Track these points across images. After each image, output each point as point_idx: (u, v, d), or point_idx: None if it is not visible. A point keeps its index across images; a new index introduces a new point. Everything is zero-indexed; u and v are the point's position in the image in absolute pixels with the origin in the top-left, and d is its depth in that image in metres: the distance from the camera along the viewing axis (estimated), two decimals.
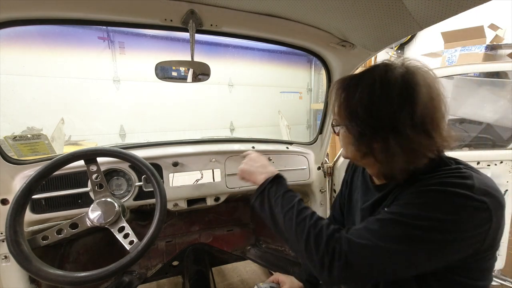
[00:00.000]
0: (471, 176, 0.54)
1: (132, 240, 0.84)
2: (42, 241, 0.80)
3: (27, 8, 0.72)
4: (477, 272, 0.58)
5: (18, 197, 0.76)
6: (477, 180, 0.53)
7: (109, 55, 3.27)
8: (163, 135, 3.62)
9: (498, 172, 1.55)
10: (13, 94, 2.73)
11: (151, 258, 1.55)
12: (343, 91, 0.65)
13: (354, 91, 0.62)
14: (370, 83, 0.60)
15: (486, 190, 0.53)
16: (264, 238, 1.76)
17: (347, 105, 0.63)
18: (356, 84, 0.62)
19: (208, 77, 0.94)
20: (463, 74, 2.02)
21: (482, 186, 0.53)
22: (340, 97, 0.65)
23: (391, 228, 0.54)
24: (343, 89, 0.65)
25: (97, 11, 0.76)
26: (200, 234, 1.66)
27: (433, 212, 0.52)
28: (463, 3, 0.59)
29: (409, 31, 0.77)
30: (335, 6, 0.76)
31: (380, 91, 0.58)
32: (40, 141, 1.02)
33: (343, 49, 1.00)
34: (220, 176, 1.20)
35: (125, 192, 1.06)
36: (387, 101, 0.57)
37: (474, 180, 0.53)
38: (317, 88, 4.77)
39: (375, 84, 0.59)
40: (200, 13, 0.81)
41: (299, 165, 1.32)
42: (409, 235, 0.52)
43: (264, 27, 0.92)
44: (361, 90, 0.60)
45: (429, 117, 0.57)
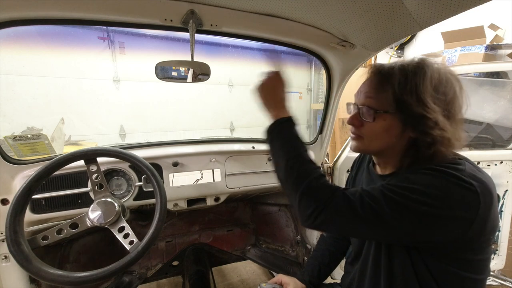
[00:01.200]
0: (463, 163, 0.58)
1: (132, 240, 0.84)
2: (42, 241, 0.81)
3: (27, 8, 0.72)
4: (471, 264, 0.58)
5: (18, 197, 0.76)
6: (468, 167, 0.57)
7: (109, 55, 3.27)
8: (163, 135, 3.62)
9: (498, 172, 1.55)
10: (13, 94, 2.73)
11: (151, 258, 1.55)
12: (402, 76, 0.62)
13: (415, 78, 0.61)
14: (427, 72, 0.61)
15: (475, 176, 0.55)
16: (264, 238, 1.77)
17: (411, 92, 0.60)
18: (413, 72, 0.61)
19: (208, 77, 0.94)
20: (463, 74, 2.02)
21: (471, 172, 0.56)
22: (398, 83, 0.62)
23: (382, 195, 0.57)
24: (402, 74, 0.62)
25: (97, 11, 0.76)
26: (200, 234, 1.66)
27: (422, 186, 0.54)
28: (463, 3, 0.59)
29: (409, 31, 0.77)
30: (335, 6, 0.76)
31: (437, 80, 0.60)
32: (40, 141, 1.02)
33: (343, 49, 1.00)
34: (220, 176, 1.20)
35: (125, 192, 1.06)
36: (447, 89, 0.60)
37: (465, 166, 0.57)
38: (317, 88, 4.77)
39: (432, 74, 0.60)
40: (200, 13, 0.81)
41: None
42: (397, 202, 0.55)
43: (264, 27, 0.92)
44: (422, 77, 0.60)
45: (459, 110, 0.62)
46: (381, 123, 0.64)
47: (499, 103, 1.94)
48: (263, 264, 1.71)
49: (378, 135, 0.65)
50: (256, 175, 1.25)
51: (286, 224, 1.68)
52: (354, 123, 0.68)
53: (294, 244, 1.64)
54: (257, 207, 1.77)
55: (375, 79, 0.66)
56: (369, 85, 0.67)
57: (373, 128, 0.65)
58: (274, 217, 1.72)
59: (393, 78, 0.62)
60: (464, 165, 0.57)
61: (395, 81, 0.61)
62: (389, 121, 0.63)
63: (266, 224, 1.74)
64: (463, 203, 0.53)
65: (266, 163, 1.26)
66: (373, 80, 0.66)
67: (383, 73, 0.65)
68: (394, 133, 0.64)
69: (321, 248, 1.04)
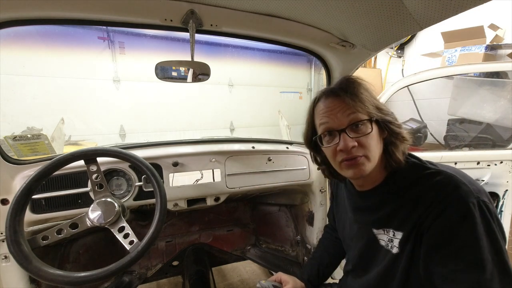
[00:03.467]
0: (459, 180, 0.59)
1: (132, 240, 0.84)
2: (42, 241, 0.80)
3: (27, 8, 0.72)
4: None
5: (18, 197, 0.76)
6: (471, 186, 0.58)
7: (109, 55, 3.27)
8: (163, 135, 3.62)
9: (498, 172, 1.55)
10: (13, 94, 2.73)
11: (151, 258, 1.55)
12: (366, 88, 0.70)
13: (367, 89, 0.70)
14: (364, 83, 0.70)
15: (479, 189, 0.59)
16: (264, 238, 1.76)
17: (373, 101, 0.68)
18: (360, 84, 0.70)
19: (208, 77, 0.94)
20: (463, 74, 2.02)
21: (475, 187, 0.59)
22: (370, 92, 0.70)
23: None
24: (364, 86, 0.70)
25: (97, 11, 0.76)
26: (200, 234, 1.66)
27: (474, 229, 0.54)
28: (463, 3, 0.59)
29: (409, 31, 0.77)
30: (335, 6, 0.76)
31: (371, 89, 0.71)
32: (40, 141, 1.02)
33: (343, 49, 1.00)
34: (220, 176, 1.20)
35: (125, 192, 1.06)
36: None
37: (469, 186, 0.58)
38: (317, 88, 4.77)
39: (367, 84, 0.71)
40: (200, 13, 0.81)
41: (299, 165, 1.32)
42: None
43: (264, 27, 0.91)
44: (367, 88, 0.70)
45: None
46: (375, 131, 0.66)
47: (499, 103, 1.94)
48: (263, 264, 1.71)
49: (377, 144, 0.67)
50: (256, 175, 1.24)
51: (286, 224, 1.68)
52: (355, 144, 0.64)
53: (294, 244, 1.64)
54: (257, 207, 1.77)
55: (346, 97, 0.66)
56: (345, 104, 0.66)
57: (373, 139, 0.65)
58: (274, 217, 1.72)
59: (358, 92, 0.67)
60: (465, 184, 0.58)
61: (361, 93, 0.66)
62: (376, 127, 0.67)
63: (266, 224, 1.74)
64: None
65: (266, 163, 1.26)
66: (344, 99, 0.66)
67: (347, 91, 0.67)
68: (380, 138, 0.68)
69: (320, 250, 1.04)
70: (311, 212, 1.43)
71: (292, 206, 1.65)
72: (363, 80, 0.71)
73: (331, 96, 0.68)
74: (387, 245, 0.69)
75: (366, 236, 0.75)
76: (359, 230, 0.79)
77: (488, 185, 1.55)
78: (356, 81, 0.69)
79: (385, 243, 0.70)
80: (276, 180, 1.28)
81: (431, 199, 0.59)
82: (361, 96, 0.66)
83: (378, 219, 0.71)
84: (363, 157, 0.65)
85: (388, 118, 0.67)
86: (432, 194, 0.59)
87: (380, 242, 0.71)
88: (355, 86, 0.68)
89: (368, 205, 0.75)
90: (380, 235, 0.71)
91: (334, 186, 0.97)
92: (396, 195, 0.67)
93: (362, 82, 0.70)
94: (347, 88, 0.67)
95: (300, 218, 1.56)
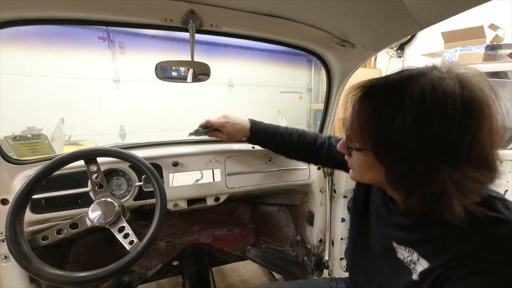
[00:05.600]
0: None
1: (132, 240, 0.84)
2: (42, 241, 0.80)
3: (27, 8, 0.72)
4: None
5: (18, 197, 0.76)
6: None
7: (109, 55, 3.26)
8: (163, 135, 3.62)
9: None
10: (13, 94, 2.73)
11: (151, 258, 1.55)
12: (372, 108, 0.50)
13: (391, 111, 0.46)
14: (417, 101, 0.44)
15: None
16: (264, 238, 1.76)
17: (383, 132, 0.48)
18: (394, 102, 0.46)
19: (208, 77, 0.94)
20: None
21: None
22: (368, 115, 0.50)
23: None
24: (373, 104, 0.50)
25: (97, 11, 0.76)
26: (200, 234, 1.66)
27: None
28: (463, 3, 0.59)
29: (409, 31, 0.77)
30: (335, 6, 0.75)
31: (435, 116, 0.43)
32: (40, 141, 1.02)
33: (343, 49, 1.00)
34: (220, 176, 1.20)
35: (125, 192, 1.06)
36: (445, 128, 0.42)
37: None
38: (317, 88, 4.77)
39: (424, 104, 0.43)
40: (200, 13, 0.81)
41: (299, 165, 1.32)
42: None
43: (264, 27, 0.91)
44: (405, 111, 0.44)
45: (491, 144, 0.45)
46: (360, 159, 0.58)
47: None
48: (263, 264, 1.71)
49: (360, 170, 0.60)
50: (256, 175, 1.24)
51: (286, 224, 1.68)
52: (342, 150, 0.62)
53: (294, 244, 1.64)
54: (257, 207, 1.77)
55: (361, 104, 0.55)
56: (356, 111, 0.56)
57: (357, 158, 0.59)
58: (274, 217, 1.72)
59: (370, 106, 0.53)
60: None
61: (372, 110, 0.53)
62: (363, 158, 0.58)
63: (266, 224, 1.74)
64: None
65: (266, 163, 1.26)
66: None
67: (370, 100, 0.54)
68: (376, 167, 0.56)
69: (301, 135, 1.01)
70: (311, 212, 1.43)
71: (292, 206, 1.64)
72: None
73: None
74: (407, 263, 0.57)
75: (382, 243, 0.66)
76: (375, 233, 0.71)
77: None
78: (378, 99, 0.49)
79: (404, 259, 0.58)
80: (276, 180, 1.28)
81: (479, 252, 0.44)
82: (372, 123, 0.50)
83: (404, 238, 0.59)
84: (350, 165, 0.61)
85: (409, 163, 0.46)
86: (484, 247, 0.44)
87: (398, 255, 0.60)
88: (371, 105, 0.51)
89: (396, 223, 0.61)
90: (401, 250, 0.60)
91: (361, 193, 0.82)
92: (436, 225, 0.51)
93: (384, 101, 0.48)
94: (371, 99, 0.52)
95: (300, 218, 1.56)
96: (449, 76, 0.44)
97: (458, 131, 0.42)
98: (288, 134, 1.00)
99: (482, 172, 0.45)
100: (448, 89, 0.43)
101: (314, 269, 1.46)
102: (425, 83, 0.44)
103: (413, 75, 0.47)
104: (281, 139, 0.99)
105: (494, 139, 0.44)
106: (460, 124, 0.42)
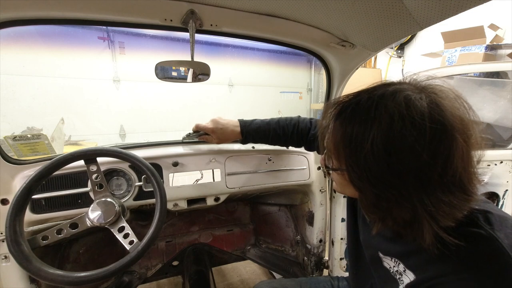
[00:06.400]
0: (492, 238, 0.43)
1: (132, 240, 0.84)
2: (42, 241, 0.80)
3: (27, 8, 0.72)
4: None
5: (18, 197, 0.76)
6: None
7: (109, 55, 3.27)
8: (163, 135, 3.62)
9: (498, 172, 1.55)
10: (13, 94, 2.73)
11: (151, 258, 1.55)
12: (345, 129, 0.48)
13: (361, 134, 0.45)
14: (386, 122, 0.43)
15: None
16: (264, 238, 1.76)
17: (355, 154, 0.46)
18: (364, 124, 0.45)
19: (208, 77, 0.94)
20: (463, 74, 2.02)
21: None
22: (341, 136, 0.49)
23: None
24: (345, 125, 0.49)
25: (97, 11, 0.76)
26: (200, 234, 1.66)
27: None
28: (463, 3, 0.59)
29: (409, 31, 0.77)
30: (335, 6, 0.75)
31: (404, 141, 0.42)
32: (40, 141, 1.02)
33: (343, 49, 1.00)
34: (220, 176, 1.20)
35: (125, 192, 1.06)
36: (414, 153, 0.42)
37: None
38: (317, 88, 4.77)
39: (393, 129, 0.42)
40: (200, 13, 0.81)
41: (299, 165, 1.32)
42: None
43: (264, 27, 0.91)
44: (374, 135, 0.43)
45: (466, 168, 0.44)
46: (337, 177, 0.60)
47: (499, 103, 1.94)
48: (263, 264, 1.71)
49: (341, 181, 0.59)
50: (256, 175, 1.24)
51: (286, 224, 1.68)
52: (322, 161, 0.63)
53: (294, 244, 1.64)
54: (257, 207, 1.77)
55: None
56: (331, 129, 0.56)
57: (334, 179, 0.62)
58: (274, 217, 1.72)
59: (342, 125, 0.53)
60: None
61: (344, 128, 0.52)
62: (340, 178, 0.59)
63: (266, 224, 1.74)
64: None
65: (266, 163, 1.26)
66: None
67: (342, 119, 0.54)
68: (349, 184, 0.56)
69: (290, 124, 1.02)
70: (311, 212, 1.43)
71: (292, 206, 1.65)
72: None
73: None
74: (393, 273, 0.57)
75: (368, 252, 0.67)
76: (364, 240, 0.72)
77: (488, 185, 1.55)
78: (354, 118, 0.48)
79: (390, 268, 0.58)
80: (276, 180, 1.28)
81: (461, 270, 0.44)
82: (344, 142, 0.49)
83: (388, 249, 0.59)
84: None
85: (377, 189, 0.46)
86: (466, 265, 0.44)
87: (385, 264, 0.61)
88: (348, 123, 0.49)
89: (380, 233, 0.61)
90: (387, 260, 0.60)
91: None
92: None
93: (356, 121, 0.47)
94: (343, 119, 0.50)
95: (300, 218, 1.56)
96: (420, 98, 0.43)
97: (428, 157, 0.41)
98: (281, 128, 1.00)
99: (457, 195, 0.43)
100: (418, 115, 0.42)
101: (314, 269, 1.46)
102: (395, 106, 0.43)
103: (384, 96, 0.45)
104: (274, 134, 1.01)
105: (469, 163, 0.44)
106: (430, 151, 0.41)
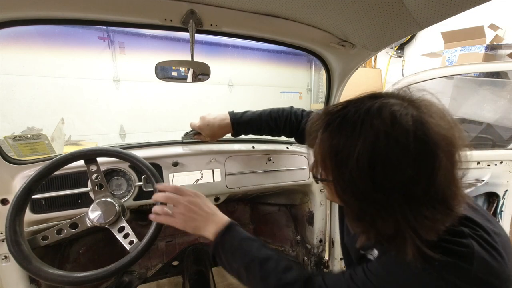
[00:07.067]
0: (471, 254, 0.44)
1: (132, 240, 0.84)
2: (42, 241, 0.80)
3: (27, 8, 0.72)
4: None
5: (18, 197, 0.76)
6: (478, 262, 0.44)
7: (109, 55, 3.27)
8: (163, 135, 3.62)
9: (498, 172, 1.55)
10: (13, 94, 2.73)
11: (151, 258, 1.55)
12: (331, 141, 0.48)
13: (347, 148, 0.45)
14: (371, 139, 0.43)
15: (482, 279, 0.43)
16: (264, 238, 1.76)
17: (341, 167, 0.47)
18: (351, 135, 0.45)
19: (208, 77, 0.94)
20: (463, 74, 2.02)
21: (480, 273, 0.43)
22: (328, 147, 0.49)
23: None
24: (331, 137, 0.49)
25: (97, 11, 0.76)
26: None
27: None
28: (463, 3, 0.59)
29: (409, 31, 0.77)
30: (335, 6, 0.75)
31: (388, 157, 0.43)
32: (40, 141, 1.02)
33: (343, 49, 1.00)
34: (220, 176, 1.20)
35: (125, 192, 1.06)
36: (398, 169, 0.42)
37: (473, 263, 0.44)
38: (317, 88, 4.77)
39: (378, 145, 0.43)
40: (200, 13, 0.81)
41: (299, 165, 1.32)
42: None
43: (264, 27, 0.91)
44: (359, 150, 0.44)
45: (449, 185, 0.44)
46: (327, 188, 0.62)
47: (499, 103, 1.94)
48: None
49: (330, 190, 0.62)
50: (256, 175, 1.24)
51: (286, 224, 1.68)
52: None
53: (294, 244, 1.64)
54: (257, 207, 1.77)
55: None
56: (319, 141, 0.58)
57: (326, 189, 0.66)
58: (274, 217, 1.72)
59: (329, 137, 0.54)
60: (471, 260, 0.44)
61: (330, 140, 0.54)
62: (329, 190, 0.61)
63: (266, 224, 1.74)
64: None
65: (266, 163, 1.26)
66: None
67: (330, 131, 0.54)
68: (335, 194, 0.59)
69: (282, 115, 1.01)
70: (311, 212, 1.43)
71: (292, 206, 1.64)
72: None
73: None
74: None
75: (353, 252, 0.71)
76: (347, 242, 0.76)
77: (488, 185, 1.55)
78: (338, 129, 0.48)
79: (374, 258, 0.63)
80: (276, 180, 1.28)
81: None
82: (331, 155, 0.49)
83: (368, 244, 0.62)
84: None
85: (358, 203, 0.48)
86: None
87: (369, 257, 0.65)
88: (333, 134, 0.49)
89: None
90: (370, 252, 0.65)
91: None
92: None
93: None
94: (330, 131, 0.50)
95: (300, 218, 1.56)
96: (406, 114, 0.43)
97: (412, 174, 0.42)
98: (273, 120, 1.01)
99: (440, 210, 0.44)
100: (402, 133, 0.42)
101: (314, 269, 1.46)
102: (380, 123, 0.43)
103: (370, 110, 0.45)
104: (266, 126, 1.01)
105: (452, 180, 0.45)
106: (414, 168, 0.42)
